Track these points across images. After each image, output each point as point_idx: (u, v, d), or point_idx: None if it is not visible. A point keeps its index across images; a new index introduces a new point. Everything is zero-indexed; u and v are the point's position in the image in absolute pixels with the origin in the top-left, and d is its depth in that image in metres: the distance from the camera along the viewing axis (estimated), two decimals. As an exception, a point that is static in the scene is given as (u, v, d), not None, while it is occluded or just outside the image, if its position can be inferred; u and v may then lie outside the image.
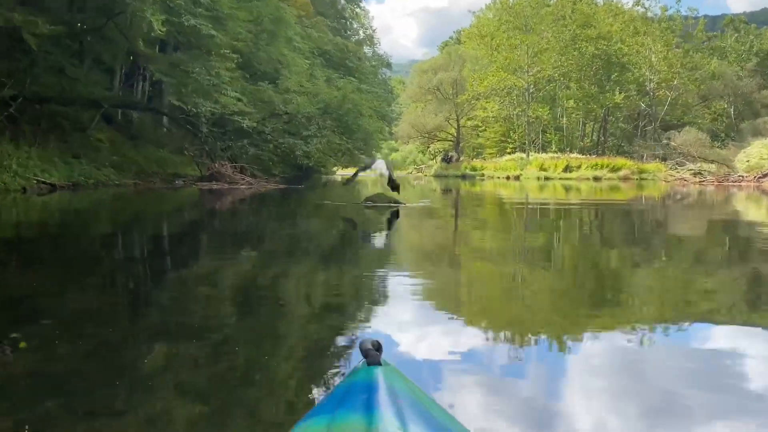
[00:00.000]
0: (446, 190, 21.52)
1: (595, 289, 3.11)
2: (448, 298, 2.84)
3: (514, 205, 11.74)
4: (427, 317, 2.40)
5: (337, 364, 1.84)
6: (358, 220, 7.33)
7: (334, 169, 50.79)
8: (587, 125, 48.07)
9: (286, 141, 20.76)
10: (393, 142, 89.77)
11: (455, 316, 2.45)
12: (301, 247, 4.50)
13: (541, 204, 12.40)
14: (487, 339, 2.13)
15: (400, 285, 3.02)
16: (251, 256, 4.08)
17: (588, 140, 47.60)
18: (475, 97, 49.96)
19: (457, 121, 56.49)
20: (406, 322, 2.31)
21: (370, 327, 2.22)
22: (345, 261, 3.87)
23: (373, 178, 10.36)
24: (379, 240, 5.11)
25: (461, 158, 53.75)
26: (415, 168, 63.87)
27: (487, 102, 49.26)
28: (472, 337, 2.13)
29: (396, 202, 9.57)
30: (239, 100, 17.47)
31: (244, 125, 17.58)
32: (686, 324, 2.34)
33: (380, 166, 9.53)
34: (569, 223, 7.63)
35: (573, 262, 4.11)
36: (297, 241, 4.90)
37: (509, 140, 49.98)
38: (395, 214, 8.04)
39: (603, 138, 47.34)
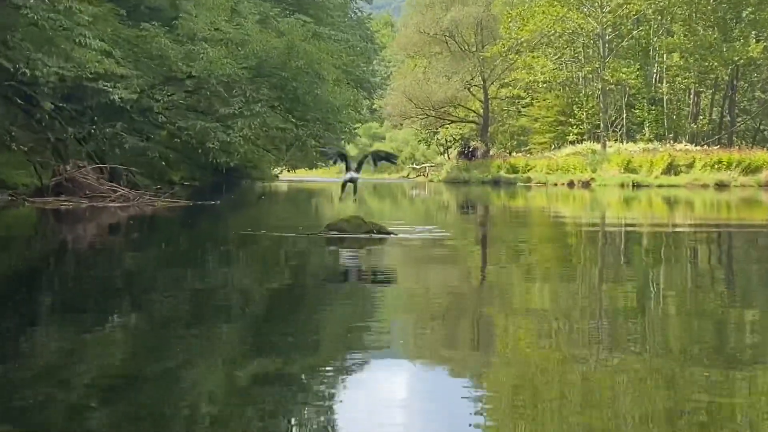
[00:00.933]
0: (467, 207, 21.67)
1: (743, 408, 3.03)
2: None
3: (584, 233, 11.81)
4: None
5: None
6: (311, 268, 7.38)
7: (276, 171, 51.52)
8: (702, 96, 48.58)
9: (190, 125, 20.88)
10: (376, 125, 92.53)
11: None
12: (198, 332, 4.20)
13: (629, 230, 12.63)
14: None
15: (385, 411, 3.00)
16: (112, 334, 4.22)
17: (704, 121, 48.21)
18: (513, 49, 50.58)
19: (485, 89, 57.07)
20: None
21: None
22: (287, 364, 3.59)
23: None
24: (350, 312, 5.05)
25: (491, 152, 55.05)
26: (414, 168, 65.96)
27: (534, 57, 49.56)
28: None
29: (380, 231, 9.65)
30: (108, 54, 17.09)
31: (117, 98, 17.26)
32: None
33: (351, 171, 9.89)
34: (678, 268, 7.68)
35: (694, 348, 4.03)
36: (193, 316, 4.78)
37: (572, 122, 50.21)
38: (378, 254, 8.19)
39: (729, 117, 48.15)
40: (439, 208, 19.86)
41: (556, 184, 39.75)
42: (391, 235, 9.69)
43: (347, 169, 9.85)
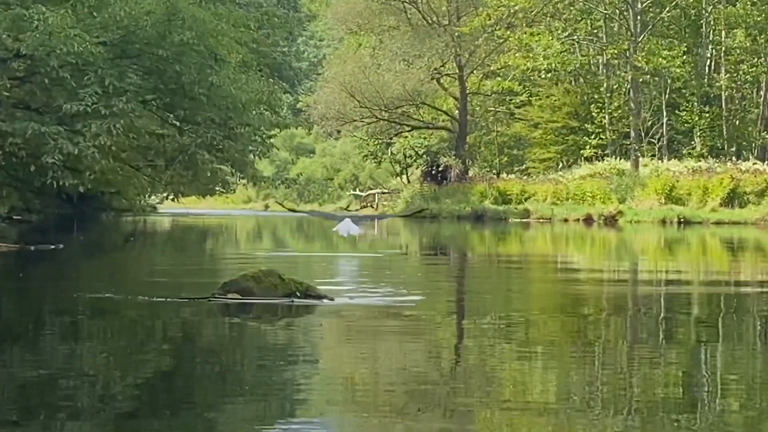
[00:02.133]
0: (436, 253, 21.57)
1: None
2: None
3: (606, 297, 11.90)
4: None
5: None
6: (196, 352, 7.32)
7: (153, 200, 51.42)
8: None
9: (18, 128, 20.61)
10: (302, 132, 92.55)
11: None
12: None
13: (672, 291, 12.79)
14: None
15: None
16: None
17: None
18: (503, 23, 51.71)
19: (461, 80, 58.31)
20: None
21: None
22: None
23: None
24: (251, 415, 5.19)
25: (471, 172, 56.60)
26: (356, 196, 69.12)
27: (533, 35, 50.87)
28: None
29: (306, 293, 9.66)
30: None
31: None
32: None
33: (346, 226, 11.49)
34: (744, 352, 7.72)
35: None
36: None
37: (589, 129, 51.55)
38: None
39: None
40: (394, 259, 19.82)
41: (566, 220, 40.30)
42: (324, 301, 9.71)
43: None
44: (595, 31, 51.29)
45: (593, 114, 51.10)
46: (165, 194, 46.45)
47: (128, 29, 21.92)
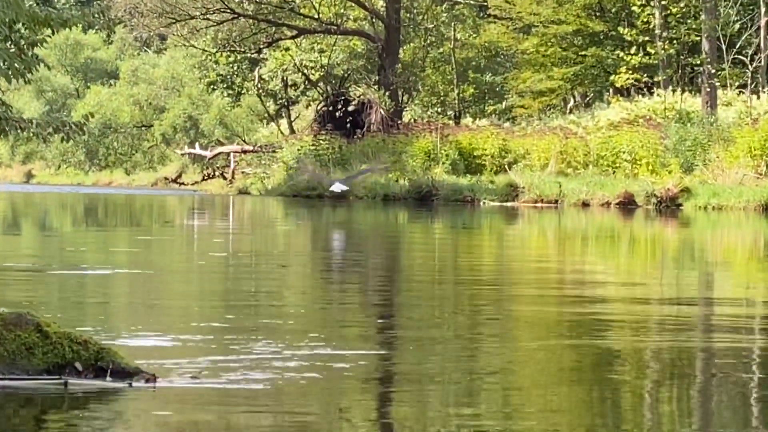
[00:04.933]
0: (340, 278, 21.46)
1: None
2: None
3: (660, 349, 11.59)
4: None
5: None
6: None
7: None
8: None
9: None
10: (95, 38, 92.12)
11: None
12: None
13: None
14: None
15: None
16: None
17: None
18: None
19: None
20: None
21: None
22: None
23: None
24: None
25: (405, 116, 61.35)
26: (195, 156, 73.63)
27: None
28: None
29: (99, 366, 8.63)
30: None
31: None
32: None
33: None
34: None
35: None
36: None
37: (623, 36, 53.85)
38: None
39: None
40: (258, 283, 19.69)
41: (587, 205, 41.57)
42: (132, 382, 8.80)
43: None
44: None
45: (633, 9, 52.17)
46: None
47: None
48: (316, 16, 60.67)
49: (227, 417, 8.37)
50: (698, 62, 47.56)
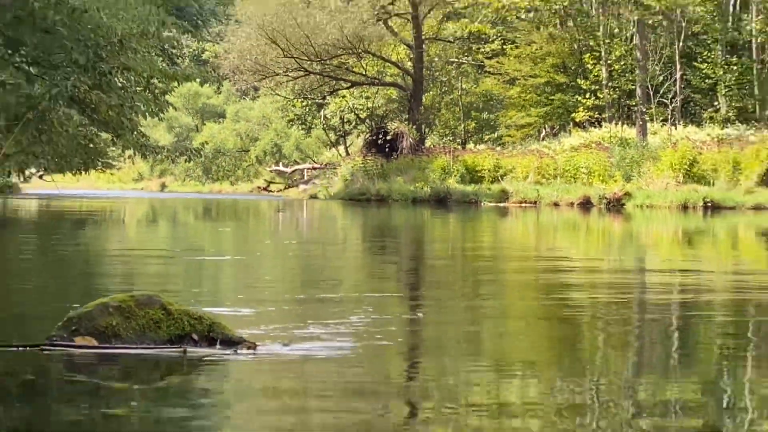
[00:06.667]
0: (380, 249, 21.62)
1: None
2: None
3: (605, 309, 11.42)
4: None
5: None
6: None
7: (12, 179, 51.58)
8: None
9: None
10: (208, 89, 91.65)
11: None
12: None
13: (694, 302, 12.73)
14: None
15: None
16: None
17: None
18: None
19: (416, 20, 59.62)
20: None
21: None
22: None
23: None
24: None
25: (427, 142, 58.54)
26: (278, 173, 71.62)
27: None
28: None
29: (208, 335, 8.58)
30: None
31: None
32: None
33: None
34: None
35: None
36: None
37: (582, 85, 52.54)
38: None
39: None
40: (330, 262, 19.24)
41: (557, 204, 40.95)
42: (237, 349, 8.41)
43: None
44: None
45: (587, 67, 51.76)
46: (33, 171, 45.72)
47: None
48: (364, 73, 60.31)
49: (312, 380, 8.12)
50: (633, 104, 47.35)
